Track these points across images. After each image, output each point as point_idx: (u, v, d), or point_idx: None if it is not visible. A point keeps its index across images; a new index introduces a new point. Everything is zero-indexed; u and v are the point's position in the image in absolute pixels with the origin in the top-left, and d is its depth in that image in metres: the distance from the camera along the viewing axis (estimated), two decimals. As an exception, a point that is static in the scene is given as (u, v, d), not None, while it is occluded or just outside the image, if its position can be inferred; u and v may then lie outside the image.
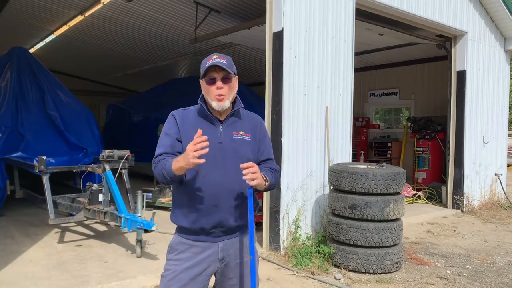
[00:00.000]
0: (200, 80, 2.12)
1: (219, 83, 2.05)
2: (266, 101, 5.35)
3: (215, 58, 2.06)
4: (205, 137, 1.85)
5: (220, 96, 2.05)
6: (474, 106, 8.27)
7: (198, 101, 2.15)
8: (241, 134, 2.13)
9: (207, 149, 1.86)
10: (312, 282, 4.30)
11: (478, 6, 8.21)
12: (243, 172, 1.92)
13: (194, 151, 1.83)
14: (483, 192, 8.54)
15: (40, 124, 7.56)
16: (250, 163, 1.95)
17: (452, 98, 8.19)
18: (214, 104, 2.06)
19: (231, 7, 8.33)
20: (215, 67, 2.04)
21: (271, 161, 2.25)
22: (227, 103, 2.07)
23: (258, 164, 2.19)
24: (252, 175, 1.92)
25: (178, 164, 1.93)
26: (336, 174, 4.77)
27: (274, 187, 2.21)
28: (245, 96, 9.85)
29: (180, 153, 2.07)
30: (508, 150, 10.10)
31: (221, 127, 2.11)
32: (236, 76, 2.16)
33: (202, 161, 1.85)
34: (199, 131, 1.86)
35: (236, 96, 2.18)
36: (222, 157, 2.05)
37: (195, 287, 2.06)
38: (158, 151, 2.11)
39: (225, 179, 2.05)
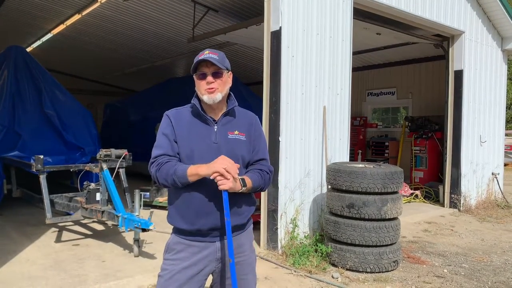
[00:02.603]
0: (193, 75, 2.11)
1: (209, 78, 2.04)
2: (264, 100, 5.35)
3: (206, 54, 2.05)
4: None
5: (211, 89, 2.03)
6: (471, 106, 8.30)
7: (192, 101, 2.13)
8: (236, 134, 2.11)
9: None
10: (310, 281, 4.30)
11: (475, 6, 8.23)
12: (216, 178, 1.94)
13: (229, 171, 1.90)
14: (480, 191, 8.57)
15: (37, 123, 7.54)
16: (231, 166, 1.93)
17: (449, 98, 8.21)
18: (205, 98, 2.04)
19: (229, 6, 8.32)
20: (206, 62, 2.04)
21: (264, 161, 2.21)
22: (218, 96, 2.05)
23: (252, 163, 2.18)
24: (223, 180, 1.92)
25: (199, 171, 1.94)
26: (334, 173, 4.78)
27: (264, 189, 2.18)
28: (243, 95, 9.88)
29: (178, 153, 2.06)
30: (505, 149, 10.12)
31: (215, 127, 2.09)
32: (230, 71, 2.14)
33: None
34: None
35: (230, 94, 2.16)
36: (217, 157, 2.04)
37: (192, 287, 2.06)
38: (157, 152, 2.07)
39: None
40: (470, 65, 8.22)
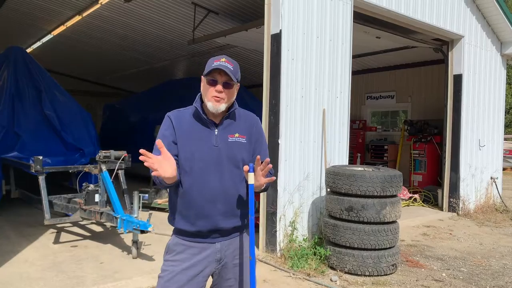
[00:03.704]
0: (202, 76, 2.10)
1: (219, 87, 2.03)
2: (264, 103, 5.35)
3: (222, 61, 2.04)
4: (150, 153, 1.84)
5: (218, 98, 2.03)
6: (470, 110, 8.32)
7: (194, 104, 2.13)
8: (236, 137, 2.11)
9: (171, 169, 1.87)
10: (308, 284, 4.30)
11: (475, 10, 8.26)
12: (261, 171, 1.97)
13: (157, 169, 1.83)
14: (478, 195, 8.58)
15: (37, 124, 7.53)
16: (268, 162, 1.98)
17: (448, 102, 8.23)
18: (210, 104, 2.04)
19: (229, 8, 8.34)
20: (220, 70, 2.03)
21: None
22: (222, 106, 2.05)
23: None
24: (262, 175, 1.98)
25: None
26: (333, 176, 4.78)
27: (267, 190, 2.21)
28: (243, 98, 9.87)
29: (176, 155, 2.06)
30: (503, 154, 10.14)
31: (216, 130, 2.09)
32: (238, 84, 2.15)
33: (170, 175, 1.87)
34: (158, 143, 1.87)
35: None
36: (218, 160, 2.05)
37: (192, 288, 2.06)
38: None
39: (220, 182, 2.04)
40: (469, 69, 8.25)
